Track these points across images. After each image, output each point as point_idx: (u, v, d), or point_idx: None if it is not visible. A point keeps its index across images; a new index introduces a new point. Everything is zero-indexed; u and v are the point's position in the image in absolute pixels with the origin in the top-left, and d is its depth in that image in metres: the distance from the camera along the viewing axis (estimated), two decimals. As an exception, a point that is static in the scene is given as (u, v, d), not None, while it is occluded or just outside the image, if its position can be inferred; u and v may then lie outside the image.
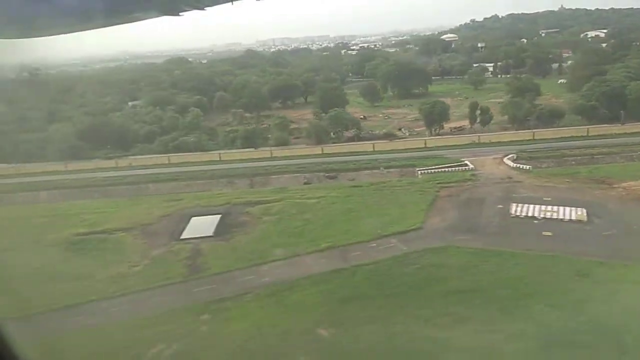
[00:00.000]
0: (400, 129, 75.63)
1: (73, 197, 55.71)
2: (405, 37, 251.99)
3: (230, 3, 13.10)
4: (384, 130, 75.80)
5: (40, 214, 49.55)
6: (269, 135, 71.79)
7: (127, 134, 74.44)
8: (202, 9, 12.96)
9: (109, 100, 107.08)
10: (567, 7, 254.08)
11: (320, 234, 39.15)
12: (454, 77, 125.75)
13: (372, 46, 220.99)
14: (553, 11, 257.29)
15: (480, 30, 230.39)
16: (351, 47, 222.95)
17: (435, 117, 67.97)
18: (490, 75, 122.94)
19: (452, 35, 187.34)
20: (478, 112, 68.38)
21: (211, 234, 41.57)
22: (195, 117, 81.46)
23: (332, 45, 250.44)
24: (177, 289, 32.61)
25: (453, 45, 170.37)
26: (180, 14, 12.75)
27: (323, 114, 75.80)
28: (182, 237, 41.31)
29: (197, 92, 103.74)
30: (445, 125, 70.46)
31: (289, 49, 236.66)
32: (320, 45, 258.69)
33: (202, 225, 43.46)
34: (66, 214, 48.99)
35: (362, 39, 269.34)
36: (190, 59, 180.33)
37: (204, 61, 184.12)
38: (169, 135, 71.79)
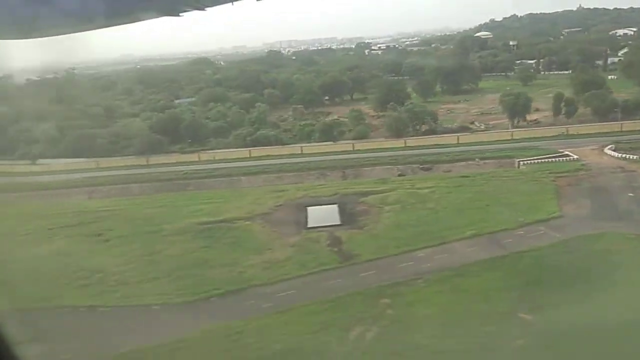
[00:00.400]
0: (473, 122, 74.87)
1: (167, 190, 55.33)
2: (416, 39, 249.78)
3: (231, 3, 12.54)
4: (455, 124, 75.16)
5: (146, 205, 49.21)
6: (349, 129, 71.15)
7: (198, 129, 74.19)
8: (203, 9, 12.47)
9: (159, 97, 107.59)
10: (585, 7, 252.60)
11: (456, 222, 38.46)
12: (494, 73, 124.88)
13: (391, 46, 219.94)
14: (571, 10, 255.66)
15: (500, 30, 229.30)
16: (373, 48, 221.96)
17: (518, 109, 67.24)
18: (533, 72, 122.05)
19: (486, 32, 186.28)
20: (562, 104, 67.50)
21: (339, 223, 40.99)
22: (262, 113, 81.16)
23: (341, 47, 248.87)
24: (338, 275, 32.04)
25: (488, 43, 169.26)
26: (180, 14, 12.28)
27: (395, 108, 74.99)
28: (310, 225, 40.73)
29: (244, 89, 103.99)
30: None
31: (300, 49, 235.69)
32: (329, 46, 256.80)
33: (323, 215, 42.91)
34: (173, 205, 48.54)
35: (370, 40, 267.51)
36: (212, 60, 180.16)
37: (222, 62, 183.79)
38: (245, 130, 71.46)
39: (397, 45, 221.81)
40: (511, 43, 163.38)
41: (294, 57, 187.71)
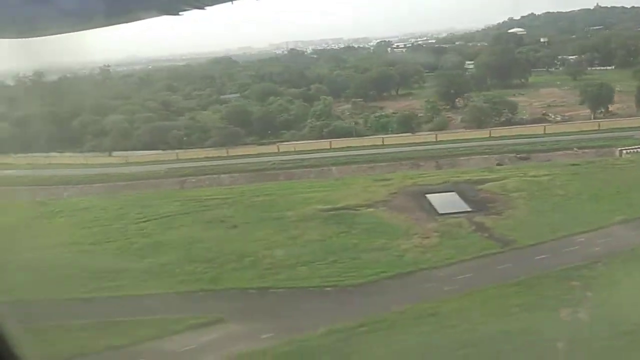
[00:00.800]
0: (545, 114, 73.77)
1: (261, 180, 54.48)
2: (425, 38, 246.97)
3: (230, 2, 11.84)
4: (526, 116, 74.11)
5: (250, 194, 48.30)
6: (426, 121, 70.31)
7: (269, 121, 73.56)
8: (203, 8, 11.70)
9: (207, 93, 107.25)
10: (602, 5, 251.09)
11: (597, 208, 37.40)
12: (536, 69, 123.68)
13: (415, 44, 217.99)
14: (589, 9, 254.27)
15: (523, 28, 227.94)
16: (394, 47, 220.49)
17: (602, 100, 66.20)
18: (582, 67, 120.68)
19: (520, 29, 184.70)
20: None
21: (469, 209, 40.02)
22: (327, 105, 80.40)
23: (353, 46, 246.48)
24: (506, 259, 31.03)
25: (523, 40, 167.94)
26: (179, 13, 11.53)
27: (471, 99, 74.21)
28: (441, 212, 39.72)
29: (291, 84, 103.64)
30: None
31: (307, 50, 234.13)
32: (336, 46, 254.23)
33: (446, 202, 41.92)
34: (279, 193, 47.57)
35: (378, 41, 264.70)
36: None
37: (239, 62, 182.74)
38: (320, 122, 70.74)
39: (414, 44, 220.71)
40: (542, 40, 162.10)
41: (315, 56, 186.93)
